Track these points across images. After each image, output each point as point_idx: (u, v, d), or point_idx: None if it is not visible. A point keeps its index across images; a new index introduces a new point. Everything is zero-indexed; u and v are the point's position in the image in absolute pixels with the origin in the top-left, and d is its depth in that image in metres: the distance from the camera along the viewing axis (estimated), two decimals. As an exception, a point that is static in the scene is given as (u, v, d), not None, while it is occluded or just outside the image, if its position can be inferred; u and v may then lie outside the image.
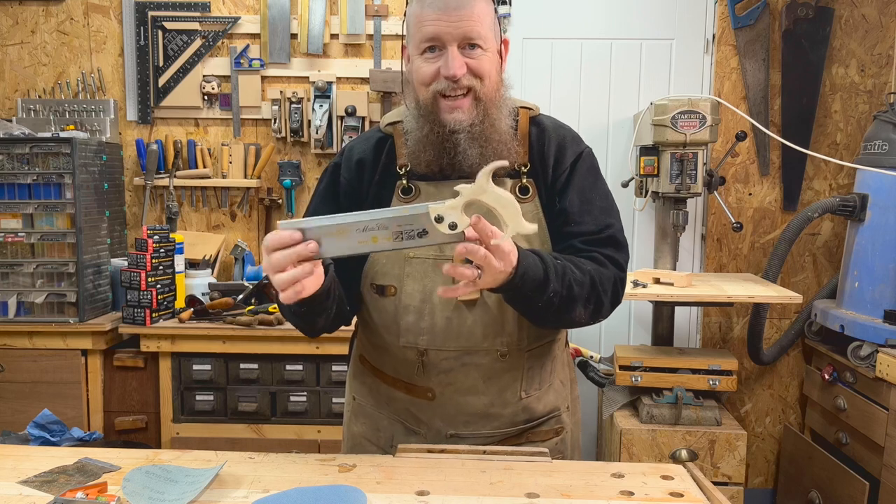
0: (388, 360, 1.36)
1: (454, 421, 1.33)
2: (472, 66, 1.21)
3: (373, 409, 1.42)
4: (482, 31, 1.20)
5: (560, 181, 1.31)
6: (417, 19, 1.22)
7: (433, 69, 1.21)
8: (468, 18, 1.18)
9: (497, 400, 1.32)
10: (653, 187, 2.63)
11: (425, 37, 1.20)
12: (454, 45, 1.19)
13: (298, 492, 1.12)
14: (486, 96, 1.23)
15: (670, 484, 1.20)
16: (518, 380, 1.33)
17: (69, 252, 2.68)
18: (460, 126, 1.22)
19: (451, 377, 1.31)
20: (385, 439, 1.39)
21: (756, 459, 3.10)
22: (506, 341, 1.29)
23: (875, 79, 2.91)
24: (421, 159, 1.27)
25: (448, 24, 1.18)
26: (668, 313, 2.70)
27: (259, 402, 2.62)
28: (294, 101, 2.96)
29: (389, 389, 1.38)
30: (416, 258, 1.28)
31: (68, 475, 1.20)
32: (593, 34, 3.00)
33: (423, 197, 1.28)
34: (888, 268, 2.40)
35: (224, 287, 2.87)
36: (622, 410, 2.50)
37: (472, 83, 1.21)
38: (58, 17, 3.04)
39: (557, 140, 1.33)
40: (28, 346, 2.65)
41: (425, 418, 1.35)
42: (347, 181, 1.34)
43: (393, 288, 1.30)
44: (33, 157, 2.66)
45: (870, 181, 2.49)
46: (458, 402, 1.32)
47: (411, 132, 1.28)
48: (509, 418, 1.35)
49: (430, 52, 1.21)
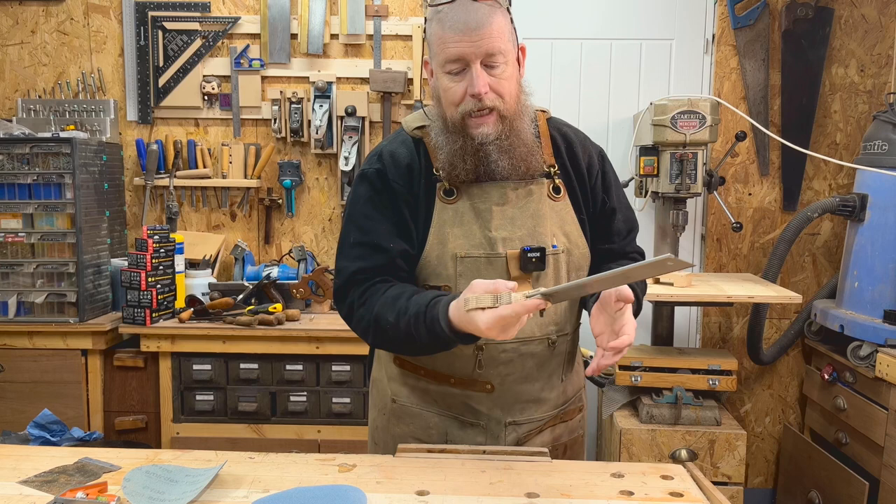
0: (442, 359, 1.37)
1: (512, 409, 1.39)
2: (494, 87, 1.27)
3: (420, 408, 1.43)
4: (502, 46, 1.26)
5: (598, 181, 1.43)
6: (440, 40, 1.27)
7: (461, 90, 1.27)
8: (489, 36, 1.24)
9: (546, 385, 1.40)
10: (652, 187, 2.63)
11: (449, 58, 1.26)
12: (477, 63, 1.25)
13: (298, 492, 1.12)
14: (509, 112, 1.30)
15: (670, 484, 1.20)
16: (561, 364, 1.43)
17: (69, 252, 2.68)
18: (488, 139, 1.30)
19: (510, 368, 1.36)
20: (437, 436, 1.41)
21: (756, 459, 3.10)
22: (555, 329, 1.37)
23: (875, 79, 2.91)
24: (459, 168, 1.32)
25: (470, 45, 1.24)
26: (667, 313, 2.71)
27: (259, 402, 2.63)
28: (294, 102, 2.97)
29: (439, 386, 1.40)
30: (467, 257, 1.32)
31: (68, 475, 1.20)
32: (593, 34, 3.00)
33: (465, 197, 1.34)
34: (888, 268, 2.40)
35: (224, 287, 2.87)
36: (622, 410, 2.50)
37: (495, 103, 1.28)
38: (58, 17, 3.04)
39: (580, 141, 1.44)
40: (28, 346, 2.66)
41: (485, 409, 1.39)
42: (402, 187, 1.35)
43: (447, 287, 1.33)
44: (33, 157, 2.66)
45: (869, 181, 2.49)
46: (515, 391, 1.38)
47: (442, 146, 1.34)
48: (553, 401, 1.43)
49: (456, 74, 1.28)
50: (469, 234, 1.32)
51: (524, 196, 1.35)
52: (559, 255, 1.34)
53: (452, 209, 1.34)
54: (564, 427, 1.47)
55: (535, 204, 1.35)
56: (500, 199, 1.34)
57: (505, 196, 1.34)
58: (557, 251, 1.34)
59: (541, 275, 1.32)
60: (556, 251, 1.34)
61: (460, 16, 1.24)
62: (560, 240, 1.35)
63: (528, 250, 1.30)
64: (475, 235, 1.32)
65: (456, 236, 1.32)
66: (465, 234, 1.32)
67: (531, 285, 1.31)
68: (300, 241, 3.09)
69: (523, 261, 1.30)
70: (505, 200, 1.34)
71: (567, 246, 1.36)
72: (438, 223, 1.33)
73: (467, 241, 1.32)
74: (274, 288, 2.84)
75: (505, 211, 1.33)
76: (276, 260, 3.06)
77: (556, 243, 1.34)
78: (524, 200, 1.34)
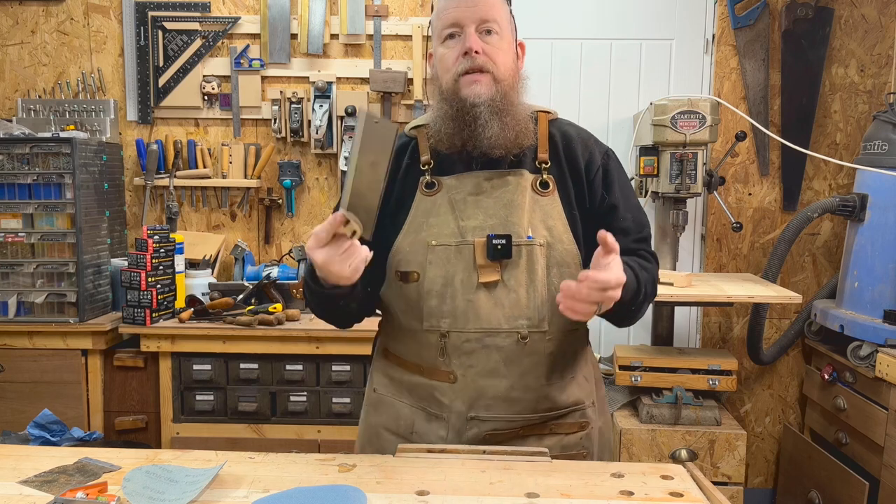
0: (412, 346, 1.40)
1: (476, 404, 1.35)
2: (488, 52, 1.32)
3: (393, 398, 1.45)
4: (497, 16, 1.32)
5: (598, 178, 1.40)
6: (439, 12, 1.35)
7: (455, 54, 1.33)
8: (483, 3, 1.31)
9: (518, 384, 1.35)
10: (653, 187, 2.63)
11: (446, 23, 1.33)
12: (472, 26, 1.31)
13: (298, 492, 1.12)
14: (503, 78, 1.33)
15: (670, 484, 1.20)
16: (539, 365, 1.36)
17: (69, 252, 2.68)
18: (479, 100, 1.31)
19: (473, 359, 1.34)
20: (405, 427, 1.41)
21: (756, 459, 3.10)
22: (526, 324, 1.33)
23: (875, 79, 2.91)
24: (442, 134, 1.35)
25: (466, 9, 1.31)
26: (667, 313, 2.71)
27: (259, 402, 2.63)
28: (294, 101, 2.97)
29: (412, 376, 1.41)
30: (438, 245, 1.34)
31: (68, 475, 1.20)
32: (593, 34, 3.00)
33: (444, 189, 1.37)
34: (888, 268, 2.40)
35: (224, 287, 2.87)
36: (622, 410, 2.50)
37: (488, 66, 1.31)
38: (58, 17, 3.04)
39: (582, 140, 1.43)
40: (28, 346, 2.65)
41: (447, 401, 1.37)
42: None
43: (416, 274, 1.35)
44: (33, 157, 2.66)
45: (869, 181, 2.49)
46: (479, 385, 1.35)
47: (436, 119, 1.37)
48: (531, 404, 1.37)
49: (451, 40, 1.34)
50: (443, 223, 1.35)
51: (500, 186, 1.36)
52: (535, 247, 1.32)
53: (430, 201, 1.37)
54: (556, 440, 1.39)
55: (511, 194, 1.35)
56: (475, 188, 1.36)
57: (479, 186, 1.36)
58: (532, 242, 1.32)
59: (509, 263, 1.32)
60: (531, 242, 1.32)
61: None
62: (540, 232, 1.33)
63: (493, 237, 1.30)
64: (448, 225, 1.34)
65: (430, 226, 1.35)
66: (439, 224, 1.35)
67: (499, 274, 1.32)
68: (300, 241, 3.09)
69: (489, 248, 1.30)
70: (479, 190, 1.36)
71: (548, 240, 1.33)
72: (415, 213, 1.37)
73: (440, 231, 1.34)
74: (274, 288, 2.84)
75: (479, 201, 1.35)
76: (276, 260, 3.06)
77: (534, 235, 1.33)
78: (499, 191, 1.35)
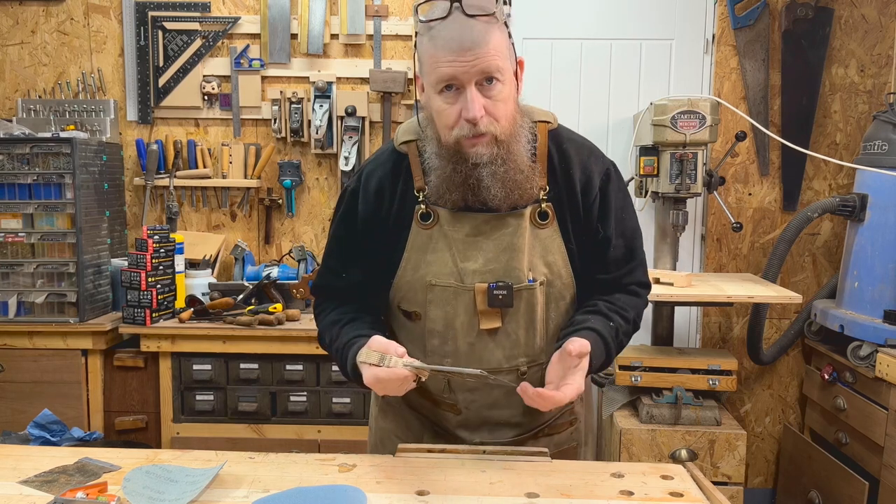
0: None
1: (480, 430, 1.38)
2: (490, 110, 1.19)
3: (402, 407, 1.45)
4: (499, 64, 1.17)
5: (595, 207, 1.32)
6: (432, 59, 1.18)
7: (455, 113, 1.20)
8: (484, 56, 1.15)
9: (517, 412, 1.37)
10: (652, 187, 2.63)
11: (441, 78, 1.18)
12: (472, 85, 1.17)
13: (298, 492, 1.12)
14: (505, 135, 1.22)
15: (670, 484, 1.20)
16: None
17: (69, 252, 2.68)
18: (482, 160, 1.22)
19: (476, 395, 1.35)
20: (415, 438, 1.42)
21: (756, 459, 3.10)
22: (524, 361, 1.33)
23: (875, 79, 2.91)
24: (447, 199, 1.27)
25: (464, 64, 1.15)
26: (667, 313, 2.71)
27: (259, 402, 2.62)
28: (294, 102, 2.97)
29: (419, 398, 1.41)
30: (437, 286, 1.30)
31: (68, 475, 1.20)
32: (593, 34, 3.00)
33: (442, 224, 1.29)
34: (888, 268, 2.40)
35: (224, 287, 2.87)
36: (622, 410, 2.50)
37: (490, 128, 1.20)
38: (58, 17, 3.04)
39: (581, 162, 1.32)
40: (28, 346, 2.65)
41: (451, 428, 1.39)
42: (364, 212, 1.33)
43: (418, 313, 1.33)
44: (33, 157, 2.66)
45: (869, 181, 2.49)
46: (483, 416, 1.37)
47: (434, 169, 1.28)
48: (527, 425, 1.40)
49: (448, 91, 1.19)
50: (441, 261, 1.29)
51: (499, 228, 1.28)
52: (535, 288, 1.29)
53: (427, 234, 1.30)
54: (549, 440, 1.43)
55: (510, 237, 1.28)
56: (474, 230, 1.28)
57: (478, 228, 1.28)
58: (533, 286, 1.28)
59: (509, 310, 1.28)
60: (533, 286, 1.28)
61: (454, 33, 1.15)
62: (540, 271, 1.29)
63: (494, 287, 1.26)
64: (447, 264, 1.29)
65: (428, 263, 1.29)
66: (437, 262, 1.29)
67: (500, 320, 1.29)
68: (300, 241, 3.09)
69: (490, 297, 1.26)
70: (478, 232, 1.28)
71: (548, 277, 1.30)
72: (412, 248, 1.31)
73: (439, 270, 1.29)
74: (274, 288, 2.84)
75: (478, 242, 1.28)
76: (276, 260, 3.06)
77: (535, 276, 1.28)
78: (498, 233, 1.28)
